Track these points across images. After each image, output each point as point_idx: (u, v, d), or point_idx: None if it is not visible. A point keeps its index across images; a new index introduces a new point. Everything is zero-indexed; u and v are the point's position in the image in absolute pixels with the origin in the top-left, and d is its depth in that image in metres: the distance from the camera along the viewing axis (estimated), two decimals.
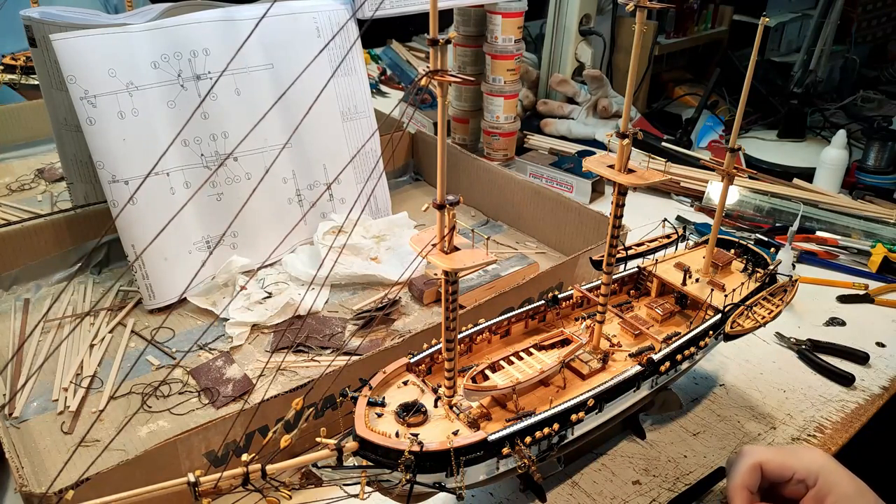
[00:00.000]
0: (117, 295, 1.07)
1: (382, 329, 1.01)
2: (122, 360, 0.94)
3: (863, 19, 1.98)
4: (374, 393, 0.64)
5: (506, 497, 0.75)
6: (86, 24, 1.02)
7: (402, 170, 1.47)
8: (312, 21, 1.17)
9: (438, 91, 0.52)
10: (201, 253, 1.08)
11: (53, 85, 1.08)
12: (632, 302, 0.85)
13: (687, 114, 1.75)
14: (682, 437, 0.83)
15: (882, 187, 1.42)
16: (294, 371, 0.92)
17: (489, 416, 0.66)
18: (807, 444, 0.73)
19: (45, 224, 1.08)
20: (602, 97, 1.68)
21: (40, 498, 0.61)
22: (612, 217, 0.67)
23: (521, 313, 0.77)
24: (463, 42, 1.49)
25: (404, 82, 2.12)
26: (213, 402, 0.86)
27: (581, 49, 1.73)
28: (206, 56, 1.06)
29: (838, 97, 1.90)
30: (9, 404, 0.85)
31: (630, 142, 0.64)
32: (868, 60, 2.09)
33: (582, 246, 1.05)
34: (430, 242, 0.57)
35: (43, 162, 1.47)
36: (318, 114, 1.18)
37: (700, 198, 1.39)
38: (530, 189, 1.24)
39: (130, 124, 1.01)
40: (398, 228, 1.20)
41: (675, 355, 0.73)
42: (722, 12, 2.08)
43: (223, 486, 0.49)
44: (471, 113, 1.55)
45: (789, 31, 2.12)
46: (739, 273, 0.85)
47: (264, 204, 1.14)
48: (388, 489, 0.59)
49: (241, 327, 0.98)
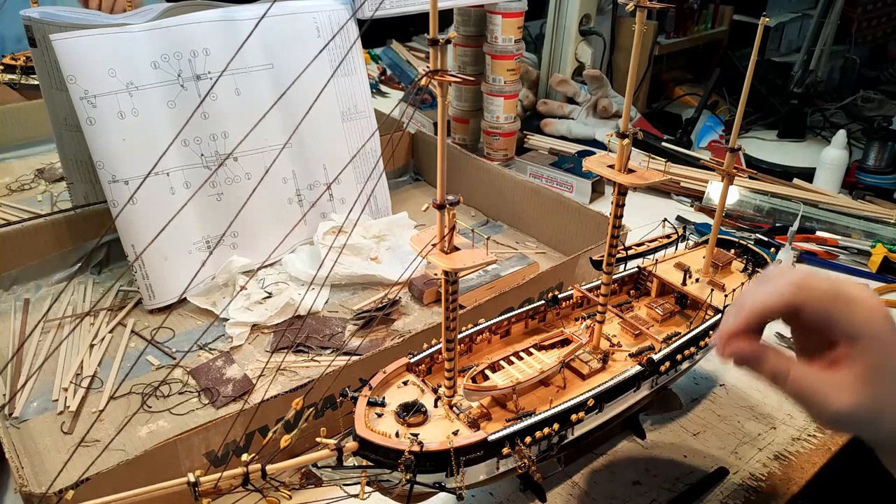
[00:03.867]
0: (117, 295, 1.07)
1: (382, 329, 1.01)
2: (122, 360, 0.94)
3: (863, 19, 1.98)
4: (374, 393, 0.64)
5: (506, 497, 0.75)
6: (86, 24, 1.02)
7: (402, 170, 1.47)
8: (312, 21, 1.17)
9: (438, 91, 0.52)
10: (201, 253, 1.08)
11: (53, 85, 1.08)
12: (632, 302, 0.85)
13: (687, 114, 1.75)
14: (682, 437, 0.83)
15: (882, 187, 1.42)
16: (294, 371, 0.92)
17: (489, 416, 0.66)
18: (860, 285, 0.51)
19: (45, 224, 1.08)
20: (602, 97, 1.68)
21: (40, 498, 0.61)
22: (612, 217, 0.67)
23: (521, 313, 0.77)
24: (463, 42, 1.49)
25: (404, 82, 2.12)
26: (213, 402, 0.86)
27: (581, 49, 1.73)
28: (206, 56, 1.06)
29: (838, 97, 1.90)
30: (9, 404, 0.85)
31: (630, 142, 0.64)
32: (868, 60, 2.09)
33: (582, 246, 1.05)
34: (430, 242, 0.57)
35: (43, 162, 1.47)
36: (318, 114, 1.18)
37: (700, 198, 1.39)
38: (530, 189, 1.24)
39: (130, 124, 1.01)
40: (398, 228, 1.20)
41: (675, 355, 0.73)
42: (722, 12, 2.08)
43: (223, 486, 0.49)
44: (471, 113, 1.55)
45: (789, 31, 2.12)
46: (739, 273, 0.85)
47: (264, 204, 1.14)
48: (388, 489, 0.59)
49: (241, 327, 0.98)
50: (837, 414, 0.48)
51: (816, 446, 0.82)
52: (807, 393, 0.49)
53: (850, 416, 0.48)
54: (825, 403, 0.49)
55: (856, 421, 0.49)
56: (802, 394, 0.50)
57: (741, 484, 0.77)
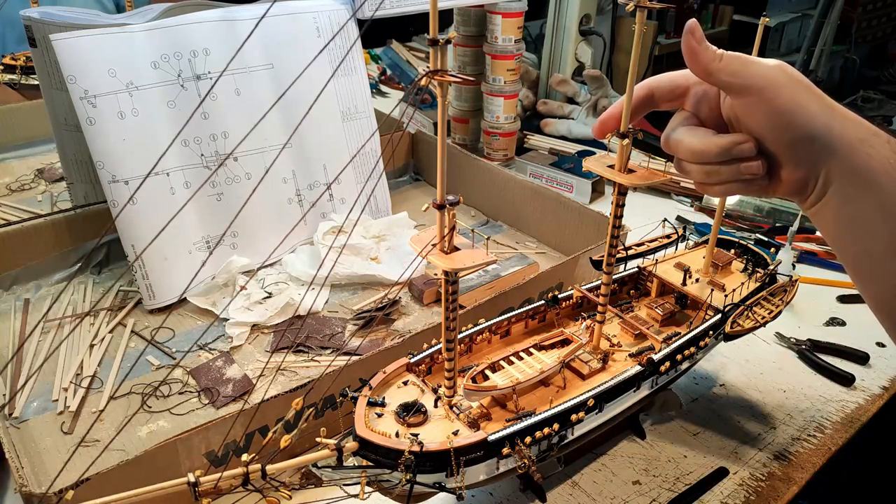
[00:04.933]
0: (117, 295, 1.07)
1: (382, 329, 1.01)
2: (122, 360, 0.94)
3: (863, 19, 1.99)
4: (374, 393, 0.64)
5: (506, 497, 0.75)
6: (86, 24, 1.02)
7: (402, 170, 1.47)
8: (312, 21, 1.17)
9: (438, 91, 0.52)
10: (201, 253, 1.08)
11: (53, 85, 1.08)
12: (632, 302, 0.85)
13: None
14: (682, 437, 0.83)
15: None
16: (294, 371, 0.92)
17: (489, 416, 0.66)
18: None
19: (45, 224, 1.08)
20: (602, 97, 1.68)
21: (40, 498, 0.61)
22: (612, 217, 0.67)
23: (521, 313, 0.77)
24: (463, 42, 1.49)
25: (404, 82, 2.12)
26: (213, 402, 0.86)
27: (581, 49, 1.73)
28: (206, 56, 1.06)
29: (838, 97, 1.89)
30: (9, 404, 0.85)
31: (630, 142, 0.64)
32: (868, 60, 2.10)
33: (582, 246, 1.05)
34: (430, 242, 0.57)
35: (43, 162, 1.47)
36: (318, 114, 1.18)
37: (700, 198, 1.39)
38: (530, 189, 1.24)
39: (130, 124, 1.01)
40: (398, 228, 1.20)
41: (675, 355, 0.73)
42: (722, 12, 2.09)
43: (223, 486, 0.49)
44: (471, 113, 1.55)
45: (789, 31, 2.13)
46: (739, 273, 0.85)
47: (264, 204, 1.14)
48: (388, 489, 0.59)
49: (241, 327, 0.98)
50: (774, 69, 0.52)
51: (816, 446, 0.82)
52: (743, 58, 0.53)
53: (784, 71, 0.52)
54: (760, 64, 0.52)
55: (790, 83, 0.51)
56: (741, 58, 0.53)
57: (741, 484, 0.77)
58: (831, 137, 0.50)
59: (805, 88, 0.51)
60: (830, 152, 0.50)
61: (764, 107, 0.51)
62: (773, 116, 0.51)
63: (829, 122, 0.50)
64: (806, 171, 0.52)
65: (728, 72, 0.52)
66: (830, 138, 0.50)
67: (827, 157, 0.50)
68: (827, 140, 0.50)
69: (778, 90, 0.51)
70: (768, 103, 0.51)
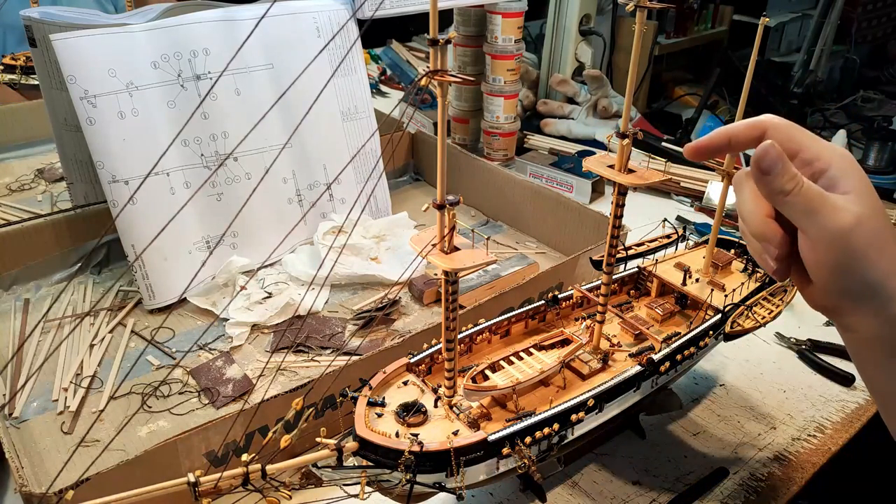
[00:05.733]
0: (117, 295, 1.07)
1: (382, 329, 1.01)
2: (122, 360, 0.94)
3: (863, 19, 1.98)
4: (374, 393, 0.64)
5: (506, 497, 0.75)
6: (86, 24, 1.02)
7: (402, 170, 1.47)
8: (312, 21, 1.17)
9: (438, 91, 0.52)
10: (201, 253, 1.08)
11: (53, 85, 1.08)
12: (632, 302, 0.85)
13: (687, 114, 1.75)
14: (682, 437, 0.83)
15: (882, 187, 1.42)
16: (294, 371, 0.92)
17: (489, 416, 0.65)
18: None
19: (45, 224, 1.08)
20: (602, 97, 1.68)
21: (40, 498, 0.61)
22: (612, 217, 0.67)
23: (521, 313, 0.77)
24: (463, 42, 1.49)
25: (404, 82, 2.12)
26: (213, 402, 0.86)
27: (581, 49, 1.73)
28: (206, 56, 1.06)
29: (838, 97, 1.90)
30: (9, 404, 0.85)
31: (630, 142, 0.64)
32: (868, 60, 2.09)
33: (582, 246, 1.05)
34: (430, 242, 0.57)
35: (43, 162, 1.47)
36: (318, 114, 1.18)
37: (700, 198, 1.39)
38: (530, 189, 1.24)
39: (130, 124, 1.01)
40: (398, 228, 1.20)
41: (675, 355, 0.73)
42: (722, 12, 2.08)
43: (223, 486, 0.49)
44: (471, 113, 1.55)
45: (789, 31, 2.13)
46: (739, 273, 0.85)
47: (264, 204, 1.14)
48: (388, 489, 0.59)
49: (241, 327, 0.98)
50: (845, 228, 0.45)
51: (816, 446, 0.82)
52: (817, 203, 0.46)
53: (857, 230, 0.45)
54: (833, 216, 0.45)
55: (860, 241, 0.45)
56: (813, 203, 0.46)
57: (741, 484, 0.77)
58: (892, 291, 0.46)
59: (881, 244, 0.46)
60: (884, 304, 0.46)
61: (824, 257, 0.46)
62: (833, 270, 0.47)
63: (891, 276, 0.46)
64: (849, 310, 0.48)
65: (802, 210, 0.46)
66: (891, 292, 0.46)
67: (880, 309, 0.47)
68: (888, 295, 0.46)
69: (848, 242, 0.45)
70: (833, 253, 0.46)
